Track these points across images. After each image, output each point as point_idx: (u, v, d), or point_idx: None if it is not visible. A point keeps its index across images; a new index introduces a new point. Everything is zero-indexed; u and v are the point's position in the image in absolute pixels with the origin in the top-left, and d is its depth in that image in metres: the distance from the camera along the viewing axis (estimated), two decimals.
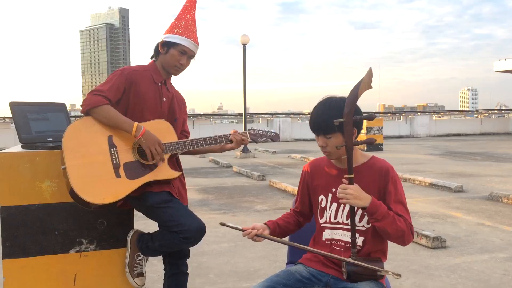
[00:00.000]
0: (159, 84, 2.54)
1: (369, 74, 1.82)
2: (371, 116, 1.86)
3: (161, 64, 2.55)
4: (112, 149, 2.32)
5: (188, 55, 2.52)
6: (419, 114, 28.14)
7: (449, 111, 32.44)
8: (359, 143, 1.85)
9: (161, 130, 2.43)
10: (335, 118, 1.85)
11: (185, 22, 2.53)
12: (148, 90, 2.48)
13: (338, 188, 1.87)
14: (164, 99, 2.55)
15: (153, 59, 2.60)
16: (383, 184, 1.92)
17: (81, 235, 2.51)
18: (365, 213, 1.87)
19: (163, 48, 2.52)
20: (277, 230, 2.12)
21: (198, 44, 2.55)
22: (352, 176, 1.85)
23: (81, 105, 2.37)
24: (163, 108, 2.54)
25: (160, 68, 2.56)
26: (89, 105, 2.32)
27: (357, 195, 1.82)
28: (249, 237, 2.02)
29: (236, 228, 2.02)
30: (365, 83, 1.82)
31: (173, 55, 2.49)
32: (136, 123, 2.33)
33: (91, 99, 2.32)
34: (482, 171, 10.02)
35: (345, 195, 1.82)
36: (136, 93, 2.45)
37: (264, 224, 2.10)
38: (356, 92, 1.81)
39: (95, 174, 2.25)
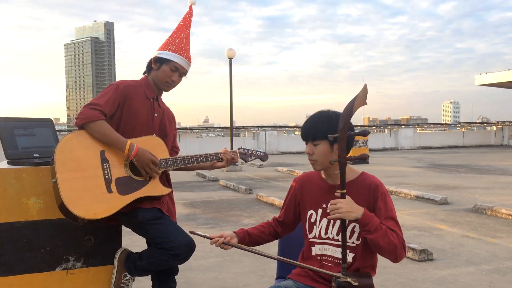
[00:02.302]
0: (151, 99, 2.56)
1: (364, 90, 1.84)
2: (364, 132, 1.87)
3: (153, 80, 2.56)
4: (104, 164, 2.31)
5: (180, 72, 2.54)
6: (403, 127, 28.47)
7: (432, 124, 32.85)
8: (352, 159, 1.86)
9: (153, 146, 2.43)
10: (325, 127, 1.89)
11: (179, 40, 2.56)
12: (141, 105, 2.49)
13: (329, 204, 1.87)
14: (156, 115, 2.56)
15: (146, 74, 2.62)
16: (372, 200, 1.92)
17: (67, 252, 2.48)
18: (357, 224, 1.87)
19: (155, 64, 2.54)
20: (246, 239, 2.10)
21: (190, 62, 2.58)
22: (345, 191, 1.85)
23: (76, 118, 2.37)
24: (155, 124, 2.55)
25: (152, 84, 2.57)
26: (85, 119, 2.31)
27: (348, 207, 1.81)
28: (216, 245, 2.01)
29: (204, 237, 2.02)
30: (360, 99, 1.83)
31: (165, 71, 2.51)
32: (129, 142, 2.33)
33: (87, 113, 2.32)
34: (465, 183, 10.16)
35: (336, 209, 1.82)
36: (129, 108, 2.46)
37: (233, 232, 2.09)
38: (351, 108, 1.82)
39: (87, 188, 2.24)
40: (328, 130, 1.89)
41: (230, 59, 15.54)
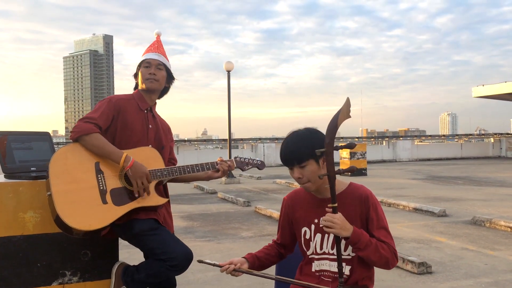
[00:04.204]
0: (145, 111, 2.58)
1: (347, 104, 1.84)
2: (351, 145, 1.87)
3: (142, 89, 2.63)
4: (99, 175, 2.31)
5: (153, 64, 2.59)
6: (401, 139, 28.53)
7: (430, 135, 32.93)
8: (341, 172, 1.86)
9: (149, 157, 2.44)
10: (304, 147, 1.89)
11: (147, 49, 2.69)
12: (135, 117, 2.51)
13: (325, 217, 1.84)
14: (150, 126, 2.58)
15: (137, 89, 2.68)
16: (364, 211, 1.92)
17: (64, 266, 2.46)
18: (348, 242, 1.87)
19: (136, 77, 2.66)
20: (256, 263, 2.09)
21: (160, 53, 2.64)
22: (336, 205, 1.84)
23: (71, 132, 2.38)
24: (150, 135, 2.57)
25: (144, 94, 2.60)
26: (79, 132, 2.32)
27: (343, 225, 1.81)
28: (227, 272, 1.99)
29: (214, 265, 2.00)
30: (343, 113, 1.83)
31: (142, 72, 2.61)
32: (125, 154, 2.34)
33: (82, 126, 2.33)
34: (464, 195, 10.15)
35: (332, 224, 1.81)
36: (124, 121, 2.47)
37: (243, 258, 2.07)
38: (335, 122, 1.82)
39: (82, 200, 2.23)
40: (312, 148, 1.85)
41: (228, 71, 15.62)
